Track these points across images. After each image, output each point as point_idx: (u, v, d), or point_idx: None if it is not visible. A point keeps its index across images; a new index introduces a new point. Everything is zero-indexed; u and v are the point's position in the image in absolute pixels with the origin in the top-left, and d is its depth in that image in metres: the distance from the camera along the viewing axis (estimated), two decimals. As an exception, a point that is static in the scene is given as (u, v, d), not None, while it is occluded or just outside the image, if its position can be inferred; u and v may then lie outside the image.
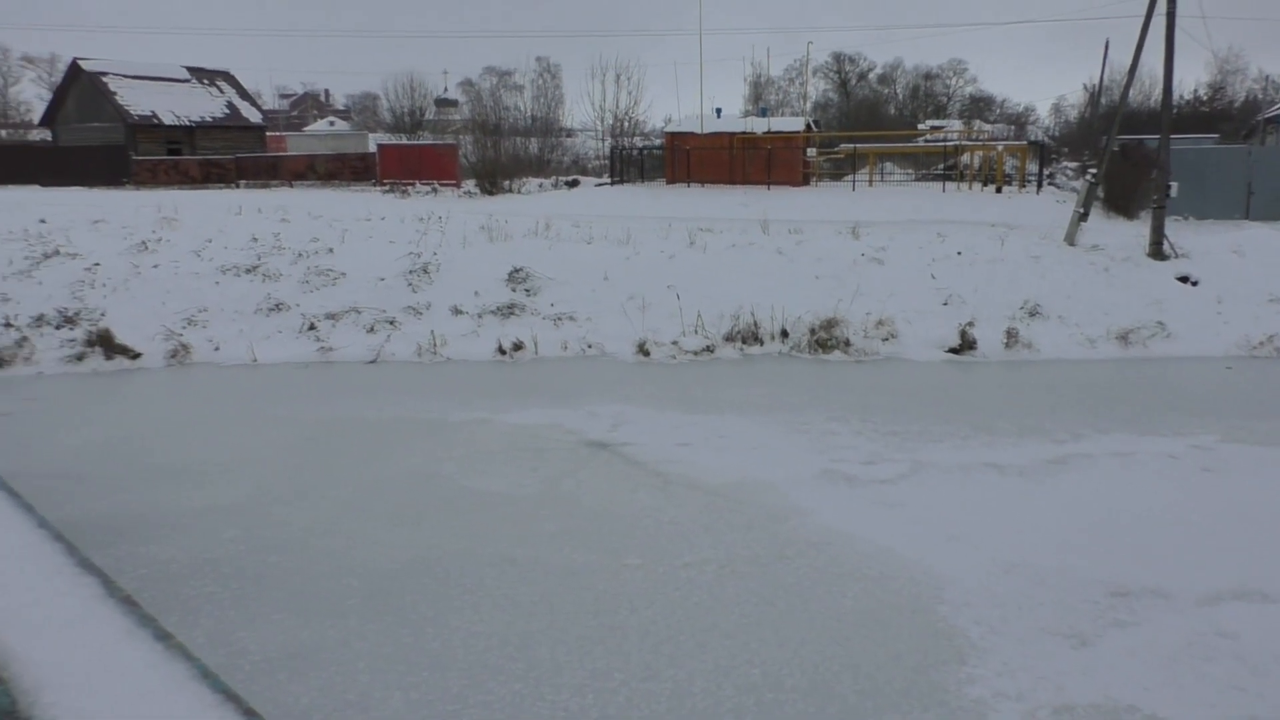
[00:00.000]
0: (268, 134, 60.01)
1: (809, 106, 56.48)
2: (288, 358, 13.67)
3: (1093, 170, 20.49)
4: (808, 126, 40.96)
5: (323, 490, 8.21)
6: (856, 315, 14.20)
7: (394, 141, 55.40)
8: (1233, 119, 58.96)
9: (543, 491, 8.16)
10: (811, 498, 7.89)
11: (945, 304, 15.00)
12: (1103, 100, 48.64)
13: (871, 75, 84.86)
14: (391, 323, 14.70)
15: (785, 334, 14.08)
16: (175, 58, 58.65)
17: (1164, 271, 16.35)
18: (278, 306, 15.21)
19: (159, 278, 16.17)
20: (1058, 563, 6.54)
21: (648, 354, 13.60)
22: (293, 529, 7.32)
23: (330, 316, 14.88)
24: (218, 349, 13.84)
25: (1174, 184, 19.02)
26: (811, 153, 39.44)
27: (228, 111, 54.17)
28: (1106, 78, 46.43)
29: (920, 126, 61.89)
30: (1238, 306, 15.01)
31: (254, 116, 56.29)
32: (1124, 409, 10.80)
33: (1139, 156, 25.66)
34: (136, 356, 13.47)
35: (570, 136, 64.69)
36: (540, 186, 40.62)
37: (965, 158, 38.87)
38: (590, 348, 13.95)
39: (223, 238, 18.66)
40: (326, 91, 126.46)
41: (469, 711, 4.84)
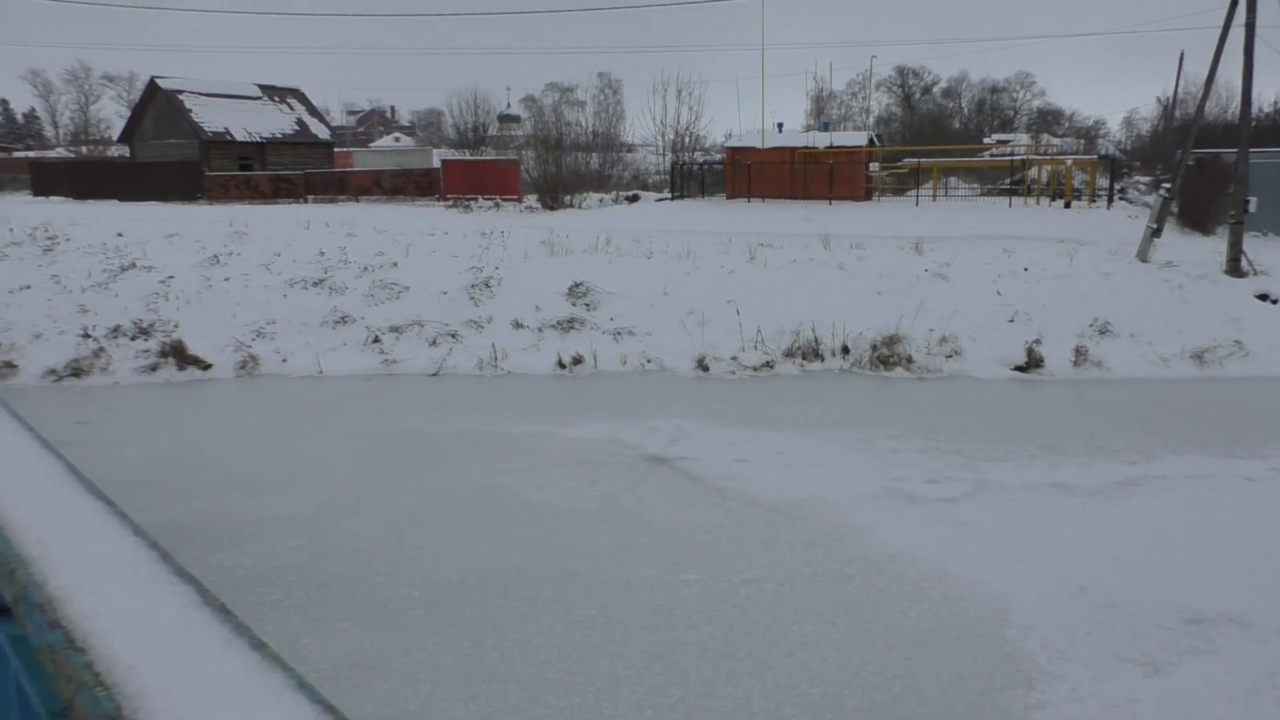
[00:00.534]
0: (335, 150, 61.34)
1: (872, 121, 56.06)
2: (352, 370, 13.90)
3: (1167, 185, 19.98)
4: (870, 141, 40.64)
5: (385, 501, 8.32)
6: (919, 332, 14.01)
7: (457, 157, 56.20)
8: (1314, 132, 57.07)
9: (601, 505, 8.18)
10: (873, 516, 7.78)
11: (1011, 321, 14.73)
12: (1177, 113, 47.48)
13: (936, 89, 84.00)
14: (453, 336, 14.88)
15: (846, 350, 13.94)
16: (248, 75, 60.36)
17: (1242, 289, 15.87)
18: (343, 319, 15.49)
19: (230, 290, 16.58)
20: (1129, 587, 6.35)
21: (707, 369, 13.57)
22: (356, 539, 7.43)
23: (394, 329, 15.10)
24: (285, 360, 14.12)
25: (1252, 199, 18.48)
26: (874, 167, 39.10)
27: (297, 128, 55.49)
28: (1181, 90, 45.36)
29: (986, 140, 61.03)
30: (1320, 325, 14.50)
31: (322, 133, 57.58)
32: (1199, 430, 10.49)
33: (1215, 171, 24.98)
34: (207, 367, 13.81)
35: (631, 152, 65.03)
36: (601, 201, 40.86)
37: (1033, 172, 38.21)
38: (649, 362, 13.96)
39: (291, 252, 19.09)
40: (392, 108, 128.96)
41: (527, 724, 4.85)
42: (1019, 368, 13.42)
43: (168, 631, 0.57)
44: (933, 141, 54.23)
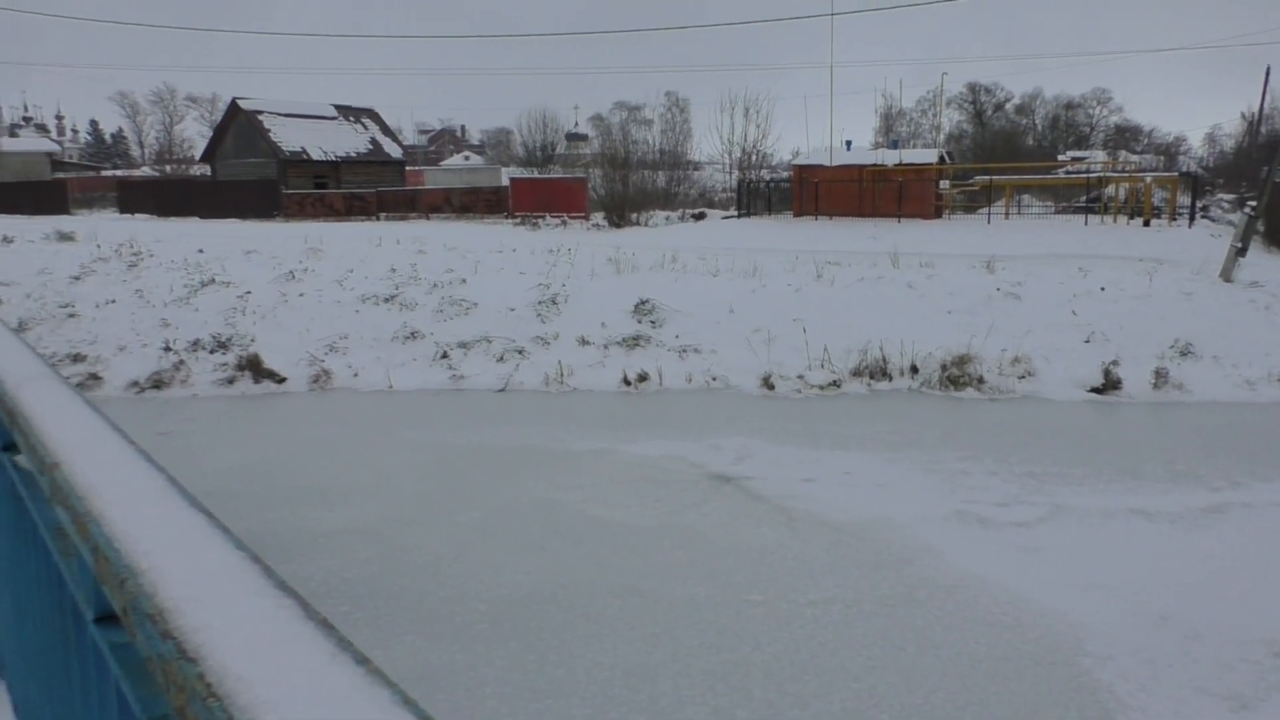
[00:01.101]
0: (407, 168, 62.56)
1: (942, 138, 55.36)
2: (421, 384, 14.11)
3: (1252, 203, 19.36)
4: (941, 158, 40.15)
5: (452, 515, 8.41)
6: (991, 352, 13.75)
7: (526, 175, 56.91)
8: None
9: (665, 523, 8.16)
10: (942, 539, 7.64)
11: (1087, 341, 14.38)
12: (1263, 129, 46.04)
13: (1009, 105, 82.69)
14: (520, 352, 15.02)
15: (915, 370, 13.74)
16: (325, 96, 61.96)
17: (1331, 310, 15.28)
18: (413, 335, 15.74)
19: (304, 306, 16.98)
20: (1214, 617, 6.13)
21: (772, 387, 13.49)
22: (424, 552, 7.52)
23: (462, 345, 15.30)
24: (356, 375, 14.39)
25: (1342, 217, 17.81)
26: (945, 185, 38.60)
27: (371, 147, 56.75)
28: (1267, 105, 43.98)
29: (1060, 157, 59.86)
30: None
31: (395, 152, 58.81)
32: (1286, 456, 10.10)
33: (1302, 188, 24.13)
34: (282, 381, 14.13)
35: (697, 170, 65.14)
36: (667, 219, 40.99)
37: (1110, 189, 37.35)
38: (715, 380, 13.93)
39: (363, 268, 19.50)
40: (463, 127, 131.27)
41: (591, 741, 4.85)
42: (1095, 389, 13.08)
43: (275, 644, 0.59)
44: (1005, 159, 53.35)
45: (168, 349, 14.85)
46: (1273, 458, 10.00)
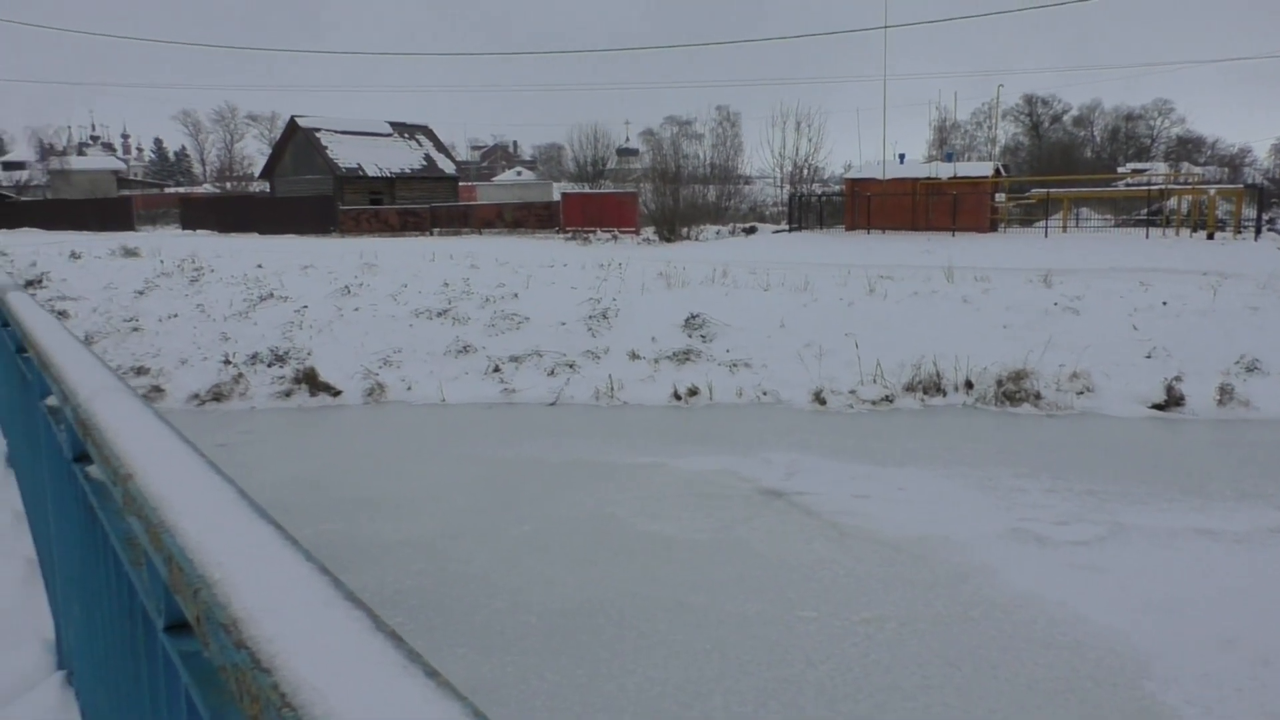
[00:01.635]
0: (460, 184, 63.30)
1: (997, 150, 54.69)
2: (474, 398, 14.23)
3: (1318, 214, 18.82)
4: (996, 171, 39.64)
5: (504, 528, 8.46)
6: (1048, 367, 13.51)
7: (577, 190, 57.30)
8: None
9: (716, 538, 8.13)
10: (999, 557, 7.51)
11: (1148, 357, 14.07)
12: (1329, 139, 44.80)
13: (1066, 117, 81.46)
14: (571, 366, 15.09)
15: (970, 385, 13.55)
16: (380, 113, 62.97)
17: (1406, 325, 14.78)
18: (465, 349, 15.90)
19: (359, 320, 17.25)
20: (1283, 643, 5.94)
21: (824, 402, 13.39)
22: (476, 564, 7.57)
23: (514, 359, 15.42)
24: (410, 388, 14.56)
25: None
26: (1000, 198, 38.10)
27: (425, 163, 57.54)
28: (1333, 114, 42.80)
29: (1120, 170, 58.77)
30: None
31: (448, 167, 59.55)
32: (1359, 476, 9.77)
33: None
34: (337, 394, 14.35)
35: (748, 184, 65.04)
36: (718, 233, 40.97)
37: (1172, 202, 36.57)
38: (765, 394, 13.86)
39: (417, 283, 19.75)
40: (515, 143, 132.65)
41: (642, 757, 4.83)
42: (1157, 406, 12.77)
43: (347, 656, 0.60)
44: (1062, 171, 52.53)
45: (227, 362, 15.16)
46: (1345, 477, 9.68)
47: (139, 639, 1.38)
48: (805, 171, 58.86)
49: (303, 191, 52.59)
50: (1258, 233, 32.59)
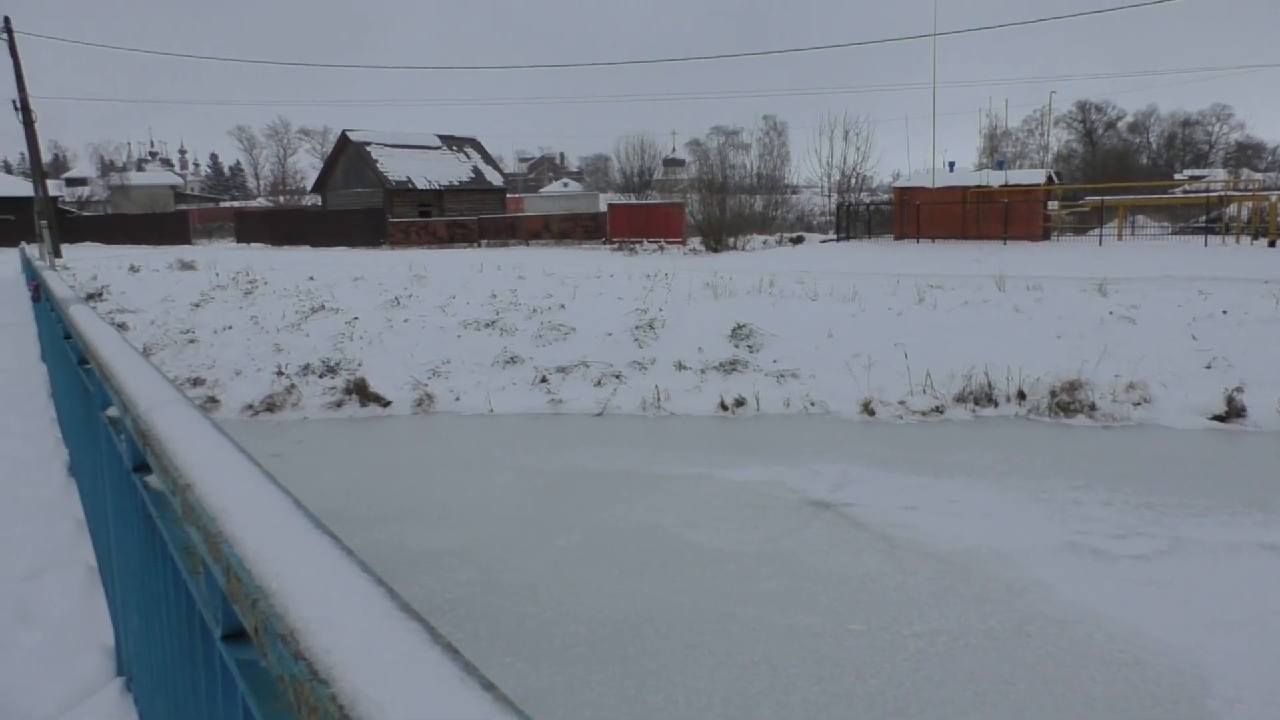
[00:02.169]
0: (507, 195, 63.82)
1: (1050, 158, 53.87)
2: (521, 409, 14.31)
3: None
4: (1049, 178, 39.05)
5: (551, 538, 8.48)
6: (1104, 377, 13.24)
7: (623, 201, 57.46)
8: None
9: (764, 549, 8.07)
10: (1053, 571, 7.36)
11: (1208, 367, 13.73)
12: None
13: (1121, 123, 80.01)
14: (618, 377, 15.11)
15: (1022, 395, 13.33)
16: (430, 126, 63.76)
17: None
18: (513, 359, 16.00)
19: (408, 331, 17.43)
20: (1352, 663, 5.75)
21: (873, 413, 13.25)
22: (523, 574, 7.60)
23: (560, 370, 15.48)
24: (458, 399, 14.68)
25: None
26: (1053, 205, 37.51)
27: (473, 176, 58.11)
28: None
29: (1177, 176, 57.58)
30: None
31: (496, 180, 60.08)
32: None
33: None
34: (387, 404, 14.51)
35: (795, 193, 64.77)
36: (764, 243, 40.83)
37: (1231, 209, 35.74)
38: (813, 405, 13.76)
39: (465, 294, 19.92)
40: (562, 154, 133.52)
41: (690, 770, 4.80)
42: (1217, 417, 12.46)
43: (404, 668, 0.60)
44: (1117, 178, 51.61)
45: (280, 373, 15.41)
46: None
47: (197, 647, 1.40)
48: (853, 180, 58.52)
49: (354, 204, 53.38)
50: (1322, 239, 31.68)
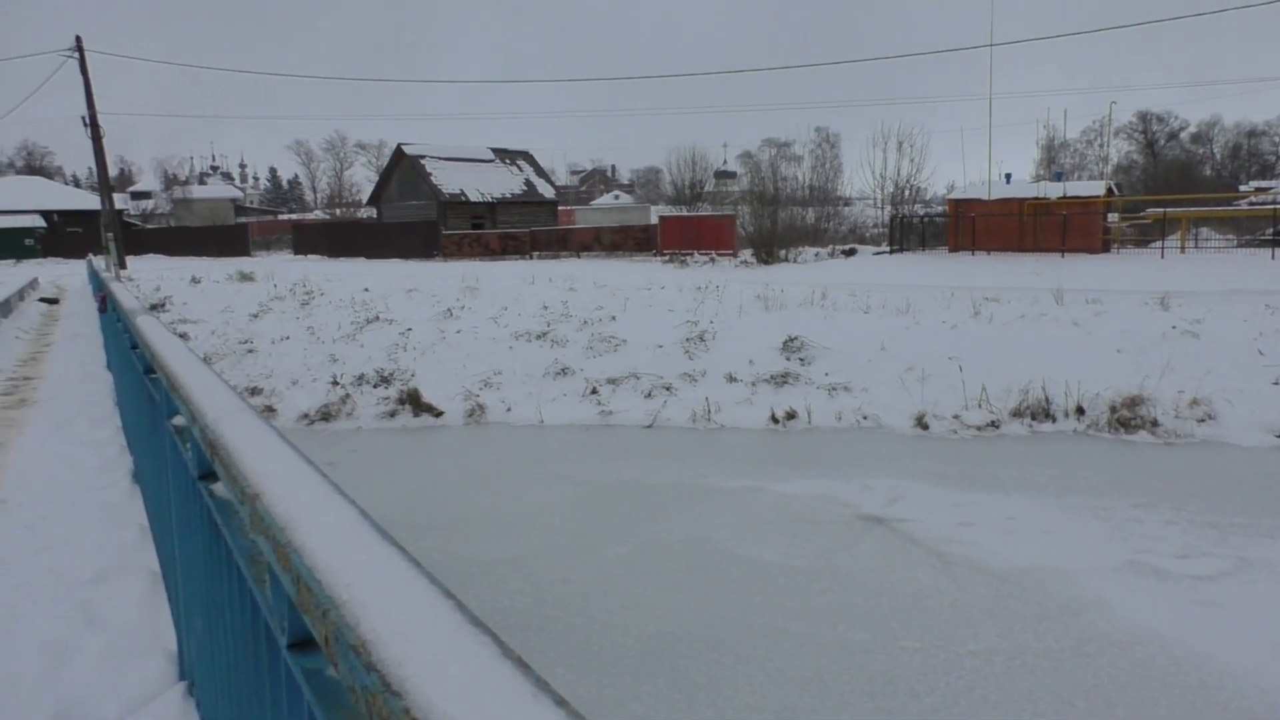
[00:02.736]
0: (559, 208, 64.25)
1: (1109, 169, 52.89)
2: (571, 420, 14.35)
3: None
4: (1109, 190, 38.33)
5: (601, 549, 8.49)
6: (1166, 393, 12.94)
7: (674, 213, 57.51)
8: None
9: (815, 564, 8.00)
10: (1114, 591, 7.19)
11: (1276, 383, 13.35)
12: None
13: (1183, 134, 78.32)
14: (668, 389, 15.10)
15: (1081, 411, 13.07)
16: (483, 139, 64.51)
17: None
18: (563, 371, 16.07)
19: (461, 342, 17.61)
20: None
21: (926, 427, 13.08)
22: (573, 585, 7.61)
23: (611, 381, 15.51)
24: (509, 410, 14.78)
25: None
26: (1113, 217, 36.79)
27: (525, 188, 58.61)
28: None
29: (1242, 188, 56.18)
30: None
31: (548, 192, 60.52)
32: None
33: None
34: (439, 414, 14.66)
35: (847, 205, 64.32)
36: (816, 255, 40.59)
37: (1298, 220, 34.69)
38: (865, 419, 13.62)
39: (517, 305, 20.09)
40: (613, 167, 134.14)
41: (741, 786, 4.77)
42: (1284, 435, 12.10)
43: (477, 682, 0.60)
44: (1179, 190, 50.51)
45: (335, 383, 15.65)
46: None
47: (261, 654, 1.42)
48: (907, 192, 57.95)
49: (408, 217, 54.13)
50: (1396, 252, 30.67)
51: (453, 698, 0.59)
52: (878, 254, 40.66)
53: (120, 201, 60.17)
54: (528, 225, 52.31)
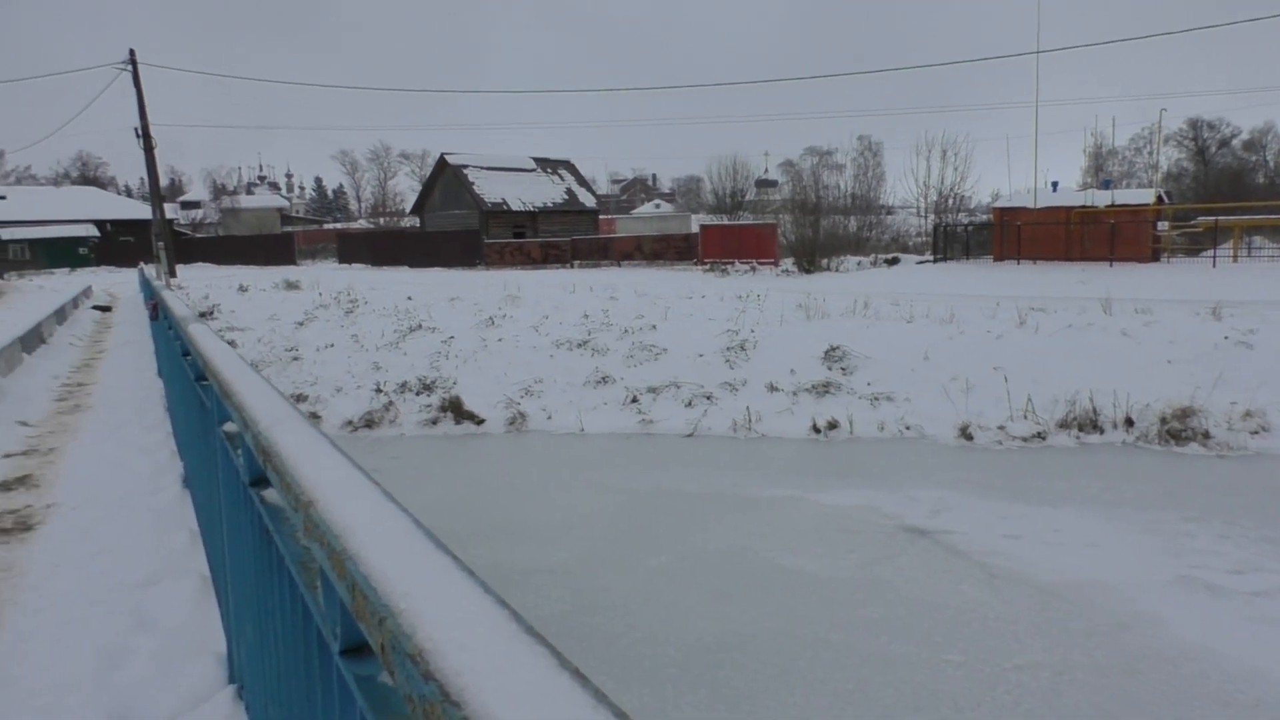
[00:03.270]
0: (600, 217, 64.46)
1: (1159, 177, 52.01)
2: (611, 428, 14.37)
3: None
4: (1158, 198, 37.66)
5: (642, 558, 8.48)
6: (1218, 405, 12.67)
7: (715, 222, 57.45)
8: None
9: (858, 575, 7.93)
10: (1165, 606, 7.05)
11: (1332, 394, 13.02)
12: None
13: (1235, 141, 76.72)
14: (708, 398, 15.07)
15: (1130, 422, 12.83)
16: (525, 149, 64.87)
17: None
18: (604, 379, 16.10)
19: (502, 350, 17.72)
20: None
21: (970, 438, 12.93)
22: (613, 594, 7.61)
23: (651, 390, 15.51)
24: (550, 418, 14.83)
25: None
26: (1162, 226, 36.14)
27: (566, 197, 58.91)
28: None
29: (1295, 194, 54.88)
30: None
31: (589, 201, 60.77)
32: None
33: None
34: (481, 422, 14.75)
35: (890, 214, 63.86)
36: (858, 264, 40.32)
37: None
38: (908, 429, 13.49)
39: (558, 314, 20.17)
40: (654, 176, 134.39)
41: (782, 799, 4.73)
42: (1342, 448, 11.79)
43: (536, 693, 0.61)
44: (1231, 198, 49.50)
45: (379, 390, 15.81)
46: None
47: (313, 659, 1.44)
48: (951, 201, 57.42)
49: (451, 226, 54.60)
50: None
51: (512, 708, 0.59)
52: (921, 263, 40.29)
53: (170, 211, 61.44)
54: (569, 234, 52.53)
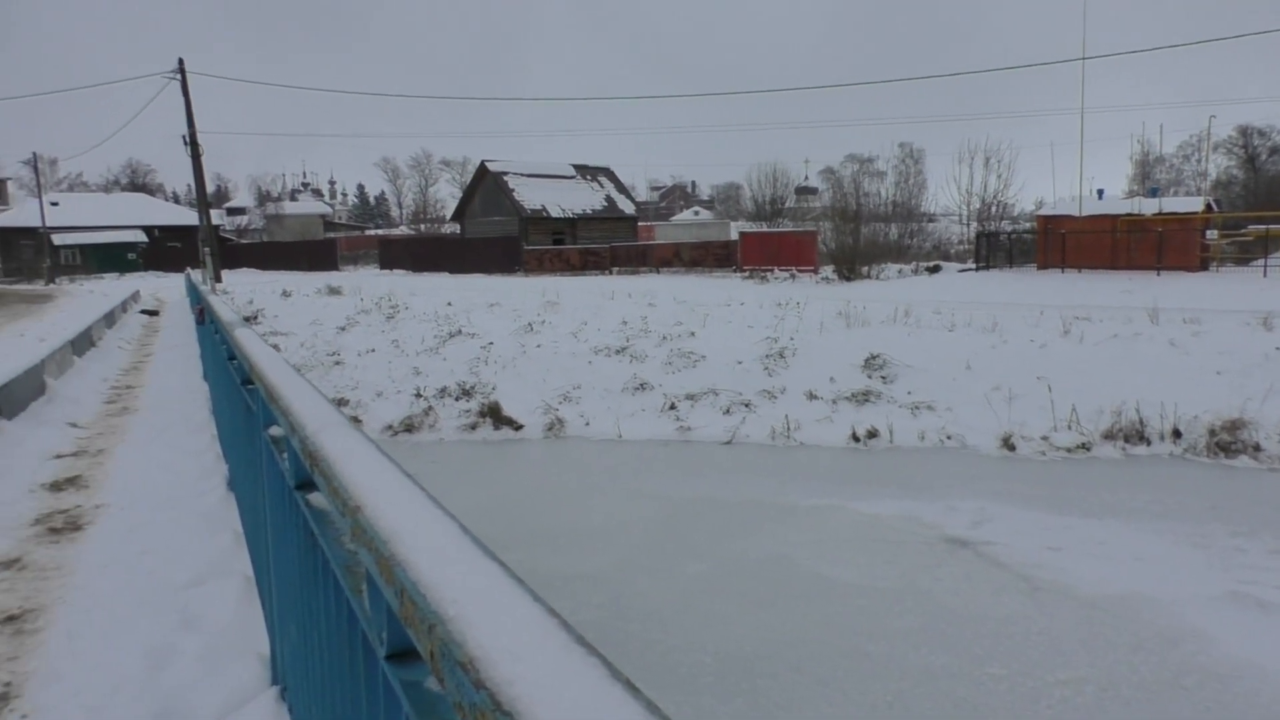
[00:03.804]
0: (639, 223, 64.55)
1: (1208, 184, 51.06)
2: (649, 435, 14.36)
3: None
4: (1207, 206, 36.98)
5: (679, 565, 8.47)
6: (1270, 417, 12.39)
7: (754, 229, 57.29)
8: None
9: (898, 586, 7.85)
10: (1214, 621, 6.90)
11: (1388, 407, 12.69)
12: None
13: (1287, 147, 75.02)
14: (747, 405, 15.02)
15: (1178, 434, 12.60)
16: (564, 156, 65.23)
17: None
18: (642, 386, 16.10)
19: (541, 356, 17.78)
20: None
21: (1013, 448, 12.76)
22: (651, 601, 7.60)
23: (689, 397, 15.48)
24: (588, 424, 14.86)
25: None
26: (1212, 234, 35.47)
27: (605, 204, 59.08)
28: None
29: (1351, 202, 53.59)
30: None
31: (628, 208, 60.89)
32: None
33: None
34: (519, 428, 14.81)
35: (931, 221, 63.29)
36: (899, 272, 40.00)
37: None
38: (949, 439, 13.34)
39: (596, 320, 20.22)
40: (693, 183, 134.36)
41: (820, 811, 4.69)
42: (1399, 462, 11.49)
43: (588, 704, 0.61)
44: (1282, 204, 48.41)
45: (418, 395, 15.93)
46: None
47: (358, 663, 1.45)
48: (994, 208, 56.79)
49: (491, 232, 54.99)
50: None
51: (565, 719, 0.59)
52: (963, 271, 39.88)
53: (216, 217, 62.44)
54: (608, 241, 52.67)
